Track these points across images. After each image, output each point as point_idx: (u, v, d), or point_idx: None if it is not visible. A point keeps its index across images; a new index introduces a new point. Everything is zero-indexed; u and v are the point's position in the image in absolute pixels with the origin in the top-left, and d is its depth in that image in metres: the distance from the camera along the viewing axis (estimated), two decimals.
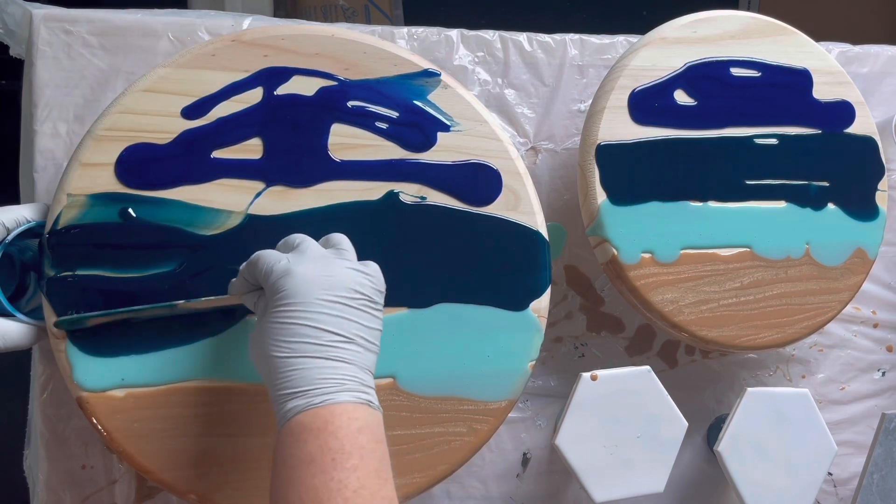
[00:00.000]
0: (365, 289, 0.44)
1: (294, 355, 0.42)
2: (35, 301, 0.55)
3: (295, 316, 0.42)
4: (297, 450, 0.40)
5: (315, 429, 0.40)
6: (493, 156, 0.58)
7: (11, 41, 0.64)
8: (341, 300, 0.43)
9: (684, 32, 0.64)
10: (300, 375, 0.41)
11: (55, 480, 0.62)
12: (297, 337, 0.42)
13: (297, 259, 0.44)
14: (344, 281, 0.44)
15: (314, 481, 0.39)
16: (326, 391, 0.41)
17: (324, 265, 0.44)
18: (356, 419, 0.41)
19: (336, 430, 0.40)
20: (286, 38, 0.56)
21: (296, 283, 0.43)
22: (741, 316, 0.63)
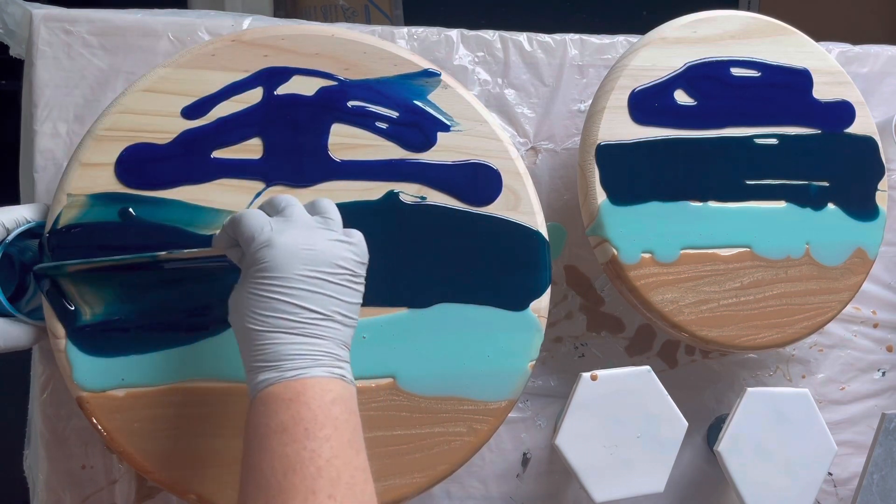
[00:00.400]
0: (347, 262, 0.44)
1: (269, 329, 0.41)
2: (35, 301, 0.55)
3: (273, 290, 0.42)
4: (268, 419, 0.40)
5: (287, 399, 0.40)
6: (493, 156, 0.58)
7: (11, 41, 0.64)
8: (322, 275, 0.42)
9: (684, 32, 0.64)
10: (274, 350, 0.41)
11: (55, 480, 0.62)
12: (274, 312, 0.41)
13: (280, 227, 0.43)
14: (326, 255, 0.43)
15: (286, 450, 0.39)
16: (299, 366, 0.41)
17: (307, 236, 0.43)
18: (329, 391, 0.41)
19: (309, 401, 0.40)
20: (286, 38, 0.56)
21: (276, 256, 0.42)
22: (741, 316, 0.63)
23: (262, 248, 0.42)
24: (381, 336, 0.55)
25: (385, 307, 0.55)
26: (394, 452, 0.54)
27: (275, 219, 0.44)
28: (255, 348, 0.42)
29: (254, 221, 0.44)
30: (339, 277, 0.43)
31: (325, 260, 0.43)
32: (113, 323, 0.51)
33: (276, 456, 0.39)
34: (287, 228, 0.43)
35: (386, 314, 0.55)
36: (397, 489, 0.54)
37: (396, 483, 0.54)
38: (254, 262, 0.43)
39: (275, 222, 0.44)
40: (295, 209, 0.45)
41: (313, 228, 0.44)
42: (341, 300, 0.43)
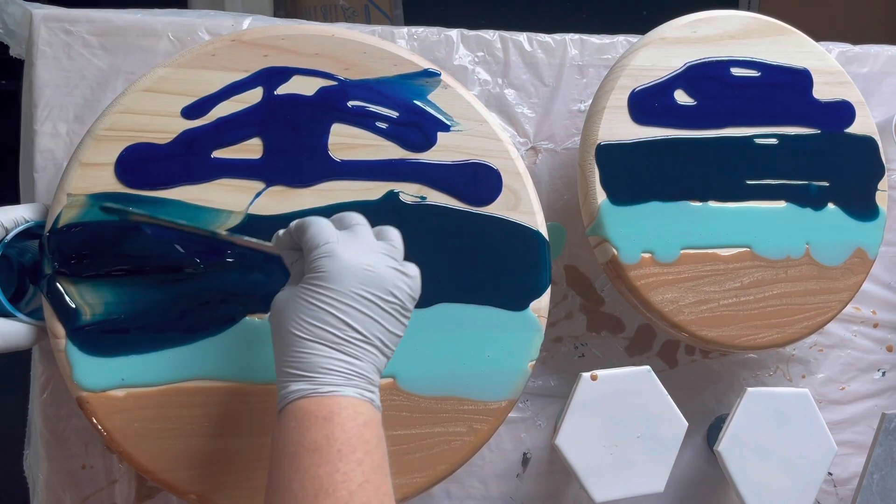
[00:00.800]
0: (400, 293, 0.44)
1: (311, 339, 0.41)
2: (35, 302, 0.55)
3: (325, 301, 0.42)
4: (301, 436, 0.40)
5: (320, 417, 0.40)
6: (493, 156, 0.58)
7: (11, 41, 0.64)
8: (374, 299, 0.42)
9: (684, 32, 0.64)
10: (311, 360, 0.41)
11: (55, 480, 0.62)
12: (320, 322, 0.41)
13: (346, 241, 0.44)
14: (383, 280, 0.43)
15: (319, 471, 0.39)
16: (334, 382, 0.41)
17: (369, 257, 0.43)
18: (361, 413, 0.41)
19: (343, 422, 0.40)
20: (286, 38, 0.56)
21: (336, 268, 0.42)
22: (741, 316, 0.63)
23: (324, 258, 0.42)
24: None
25: None
26: (394, 452, 0.54)
27: (342, 233, 0.45)
28: (292, 354, 0.41)
29: (321, 229, 0.44)
30: (390, 305, 0.43)
31: (382, 285, 0.43)
32: (113, 323, 0.51)
33: (307, 476, 0.39)
34: (351, 245, 0.43)
35: None
36: (397, 489, 0.54)
37: (396, 483, 0.54)
38: (311, 269, 0.42)
39: (342, 235, 0.44)
40: (363, 229, 0.46)
41: (377, 252, 0.44)
42: (386, 327, 0.43)
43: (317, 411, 0.40)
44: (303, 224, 0.45)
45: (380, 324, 0.43)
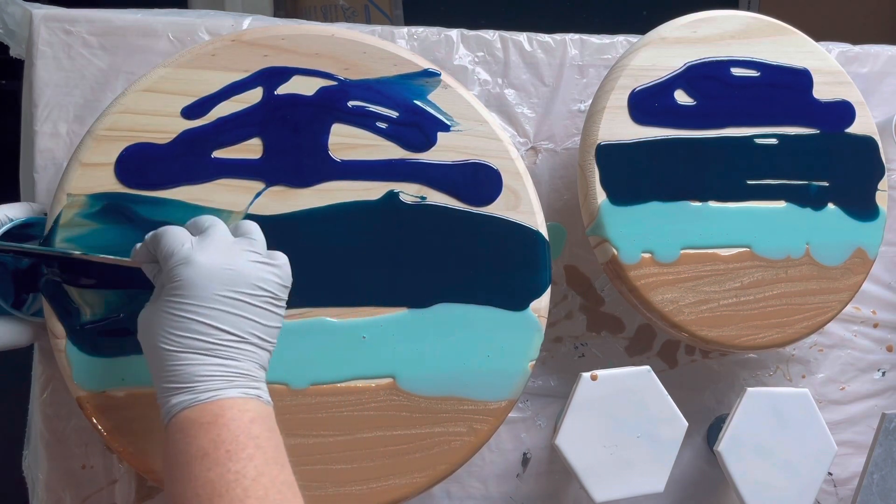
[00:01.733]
0: (269, 285, 0.43)
1: (182, 350, 0.41)
2: (35, 305, 0.55)
3: (188, 310, 0.41)
4: (187, 445, 0.39)
5: (205, 423, 0.40)
6: (493, 156, 0.58)
7: (11, 41, 0.64)
8: (240, 297, 0.42)
9: (684, 32, 0.64)
10: (187, 371, 0.40)
11: (55, 480, 0.62)
12: (187, 332, 0.41)
13: (200, 246, 0.43)
14: (247, 276, 0.42)
15: (210, 475, 0.38)
16: (213, 388, 0.40)
17: (228, 256, 0.42)
18: (247, 410, 0.41)
19: (228, 423, 0.40)
20: (286, 38, 0.56)
21: (194, 275, 0.41)
22: (741, 316, 0.63)
23: (179, 266, 0.42)
24: (380, 336, 0.55)
25: (385, 307, 0.55)
26: (394, 452, 0.54)
27: (197, 238, 0.44)
28: (167, 369, 0.41)
29: (174, 238, 0.43)
30: (259, 300, 0.42)
31: (245, 281, 0.42)
32: (113, 323, 0.51)
33: (199, 482, 0.38)
34: (207, 247, 0.43)
35: (386, 314, 0.55)
36: (397, 489, 0.54)
37: (396, 483, 0.54)
38: (170, 280, 0.42)
39: (196, 241, 0.43)
40: (217, 228, 0.45)
41: (235, 249, 0.43)
42: (259, 323, 0.42)
43: (200, 418, 0.40)
44: (156, 235, 0.44)
45: (252, 320, 0.42)
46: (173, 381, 0.41)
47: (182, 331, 0.41)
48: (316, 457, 0.53)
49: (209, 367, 0.41)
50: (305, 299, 0.54)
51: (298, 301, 0.54)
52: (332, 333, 0.54)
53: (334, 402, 0.54)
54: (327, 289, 0.54)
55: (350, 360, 0.54)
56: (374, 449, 0.54)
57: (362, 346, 0.54)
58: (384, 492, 0.54)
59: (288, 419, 0.53)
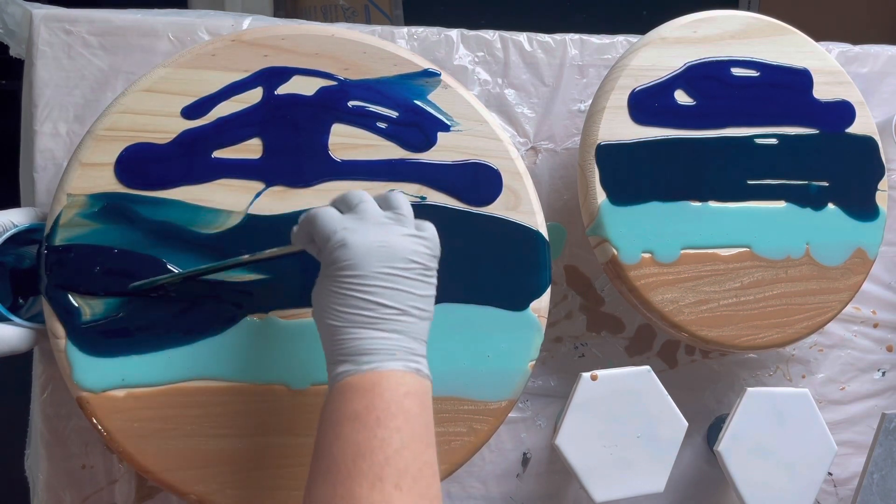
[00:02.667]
0: (420, 257, 0.44)
1: (348, 325, 0.43)
2: (34, 308, 0.55)
3: (351, 287, 0.43)
4: (343, 406, 0.41)
5: (362, 389, 0.41)
6: (493, 156, 0.58)
7: (11, 41, 0.64)
8: (397, 272, 0.43)
9: (684, 32, 0.64)
10: (352, 345, 0.42)
11: (55, 480, 0.62)
12: (351, 308, 0.42)
13: (353, 225, 0.44)
14: (400, 251, 0.44)
15: (357, 437, 0.40)
16: (375, 360, 0.42)
17: (381, 233, 0.44)
18: (403, 384, 0.42)
19: (383, 392, 0.41)
20: (286, 38, 0.56)
21: (353, 255, 0.43)
22: (741, 316, 0.63)
23: (339, 249, 0.43)
24: None
25: None
26: None
27: (348, 216, 0.45)
28: (335, 343, 0.43)
29: (328, 221, 0.44)
30: (413, 272, 0.44)
31: (399, 256, 0.44)
32: (113, 323, 0.51)
33: (347, 442, 0.40)
34: (360, 227, 0.44)
35: None
36: None
37: None
38: (332, 262, 0.43)
39: (348, 220, 0.45)
40: (367, 205, 0.46)
41: (386, 225, 0.45)
42: (416, 294, 0.44)
43: (359, 384, 0.41)
44: (309, 218, 0.46)
45: (408, 292, 0.44)
46: (340, 352, 0.43)
47: (346, 307, 0.43)
48: None
49: (373, 340, 0.42)
50: (306, 299, 0.54)
51: (299, 301, 0.54)
52: None
53: None
54: None
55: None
56: None
57: None
58: None
59: (288, 419, 0.53)
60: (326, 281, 0.44)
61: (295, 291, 0.54)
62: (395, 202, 0.46)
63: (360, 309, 0.43)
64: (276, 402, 0.53)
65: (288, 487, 0.53)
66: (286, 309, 0.54)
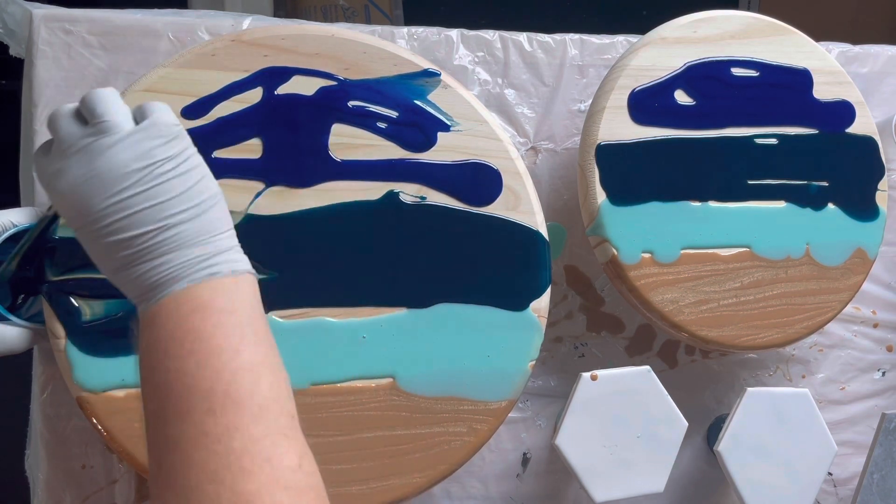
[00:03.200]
0: (147, 157, 0.38)
1: (115, 271, 0.38)
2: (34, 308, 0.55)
3: (91, 237, 0.38)
4: (139, 351, 0.38)
5: (146, 326, 0.38)
6: (493, 156, 0.58)
7: (11, 41, 0.64)
8: (119, 195, 0.37)
9: (684, 32, 0.64)
10: (129, 288, 0.38)
11: (55, 480, 0.62)
12: (106, 255, 0.38)
13: (58, 165, 0.38)
14: (113, 170, 0.37)
15: (153, 377, 0.36)
16: (149, 297, 0.38)
17: (84, 162, 0.37)
18: (183, 303, 0.37)
19: (163, 322, 0.37)
20: (286, 38, 0.56)
21: (69, 204, 0.38)
22: (741, 316, 0.63)
23: (57, 201, 0.38)
24: (380, 336, 0.55)
25: (385, 307, 0.55)
26: (394, 452, 0.54)
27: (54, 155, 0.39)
28: (120, 289, 0.39)
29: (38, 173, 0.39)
30: (144, 182, 0.37)
31: (114, 176, 0.37)
32: (113, 322, 0.51)
33: (146, 386, 0.37)
34: (63, 164, 0.38)
35: (385, 314, 0.55)
36: (397, 489, 0.54)
37: (396, 483, 0.54)
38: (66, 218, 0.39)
39: (54, 160, 0.39)
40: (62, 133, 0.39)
41: (86, 148, 0.38)
42: (168, 199, 0.38)
43: (145, 322, 0.38)
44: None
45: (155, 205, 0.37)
46: (130, 297, 0.39)
47: (100, 256, 0.38)
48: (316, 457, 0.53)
49: (142, 276, 0.38)
50: (305, 299, 0.54)
51: (298, 301, 0.54)
52: (332, 333, 0.54)
53: (334, 402, 0.54)
54: (327, 289, 0.54)
55: (350, 360, 0.54)
56: (374, 449, 0.54)
57: (362, 346, 0.54)
58: (384, 492, 0.54)
59: None
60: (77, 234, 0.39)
61: (295, 291, 0.54)
62: (91, 109, 0.39)
63: (113, 252, 0.38)
64: None
65: None
66: (286, 309, 0.54)
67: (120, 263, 0.38)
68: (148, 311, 0.38)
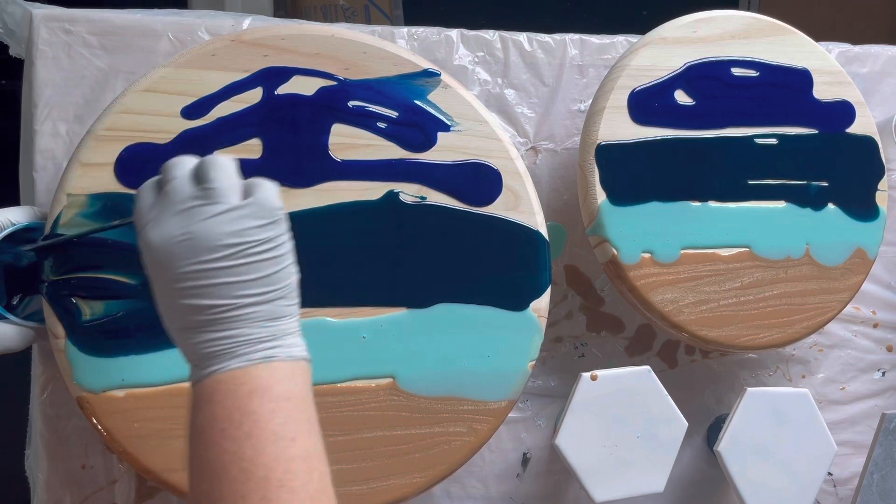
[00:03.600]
0: (238, 236, 0.38)
1: (179, 329, 0.39)
2: (33, 306, 0.55)
3: (166, 292, 0.38)
4: (194, 419, 0.38)
5: (202, 400, 0.38)
6: (493, 156, 0.58)
7: (11, 41, 0.64)
8: (206, 265, 0.37)
9: (684, 32, 0.64)
10: (190, 350, 0.39)
11: (55, 480, 0.62)
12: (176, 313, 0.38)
13: (155, 216, 0.39)
14: (207, 239, 0.37)
15: (208, 455, 0.36)
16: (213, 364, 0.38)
17: (183, 221, 0.38)
18: (244, 384, 0.37)
19: (222, 399, 0.37)
20: (286, 38, 0.56)
21: (154, 259, 0.38)
22: (741, 316, 0.63)
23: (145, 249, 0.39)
24: (380, 336, 0.55)
25: (385, 307, 0.55)
26: (394, 452, 0.54)
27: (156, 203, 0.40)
28: (179, 347, 0.40)
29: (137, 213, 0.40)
30: (236, 257, 0.38)
31: (206, 246, 0.37)
32: (113, 322, 0.51)
33: (199, 462, 0.37)
34: (160, 217, 0.39)
35: (385, 314, 0.55)
36: (397, 489, 0.54)
37: (396, 483, 0.54)
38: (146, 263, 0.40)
39: (154, 209, 0.39)
40: (175, 184, 0.39)
41: (191, 209, 0.38)
42: (247, 279, 0.38)
43: (200, 395, 0.38)
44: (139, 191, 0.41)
45: (235, 282, 0.38)
46: (187, 358, 0.39)
47: (170, 311, 0.39)
48: None
49: (205, 343, 0.38)
50: (305, 299, 0.54)
51: None
52: (332, 333, 0.54)
53: (334, 402, 0.54)
54: (327, 289, 0.54)
55: (350, 360, 0.54)
56: (374, 449, 0.54)
57: (362, 346, 0.54)
58: (384, 492, 0.54)
59: None
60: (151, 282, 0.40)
61: None
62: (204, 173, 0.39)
63: (183, 314, 0.38)
64: None
65: None
66: None
67: (186, 325, 0.38)
68: (205, 384, 0.38)
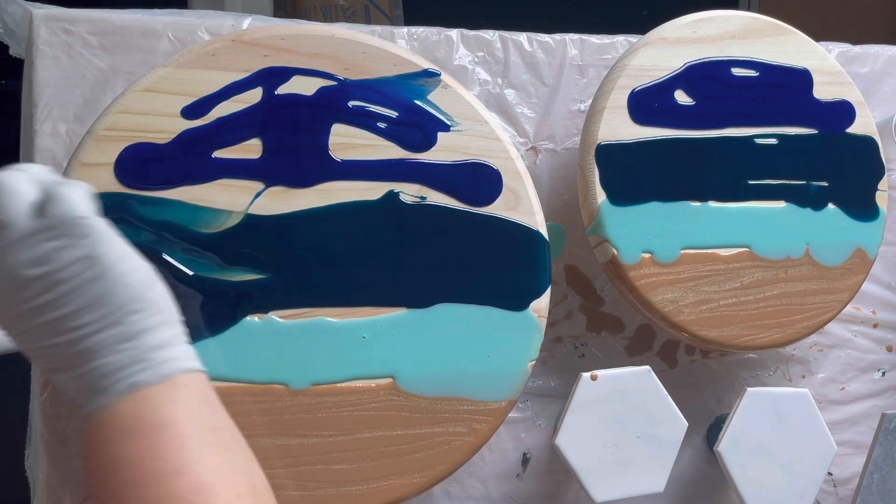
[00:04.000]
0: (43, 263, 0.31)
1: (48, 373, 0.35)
2: None
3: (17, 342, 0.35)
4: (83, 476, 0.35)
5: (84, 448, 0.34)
6: (493, 156, 0.58)
7: (11, 41, 0.64)
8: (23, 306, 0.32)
9: (684, 32, 0.64)
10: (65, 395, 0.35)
11: (55, 480, 0.62)
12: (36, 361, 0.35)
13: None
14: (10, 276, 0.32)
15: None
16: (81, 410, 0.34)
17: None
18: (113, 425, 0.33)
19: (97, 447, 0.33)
20: (286, 38, 0.56)
21: None
22: (741, 316, 0.63)
23: None
24: (380, 336, 0.55)
25: (385, 307, 0.55)
26: (394, 452, 0.54)
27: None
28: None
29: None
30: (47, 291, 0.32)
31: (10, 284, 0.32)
32: None
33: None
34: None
35: (385, 314, 0.55)
36: (397, 489, 0.54)
37: (396, 483, 0.54)
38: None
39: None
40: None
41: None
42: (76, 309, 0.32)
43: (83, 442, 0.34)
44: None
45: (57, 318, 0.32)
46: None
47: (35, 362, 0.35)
48: (316, 457, 0.53)
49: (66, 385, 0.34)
50: (305, 299, 0.54)
51: (298, 301, 0.54)
52: (332, 333, 0.54)
53: (334, 402, 0.54)
54: (327, 289, 0.54)
55: (350, 360, 0.54)
56: (374, 449, 0.54)
57: (362, 346, 0.54)
58: (384, 492, 0.54)
59: (288, 419, 0.53)
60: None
61: (295, 291, 0.54)
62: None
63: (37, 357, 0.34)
64: (276, 402, 0.53)
65: (286, 487, 0.53)
66: (286, 309, 0.54)
67: (47, 368, 0.34)
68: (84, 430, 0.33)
